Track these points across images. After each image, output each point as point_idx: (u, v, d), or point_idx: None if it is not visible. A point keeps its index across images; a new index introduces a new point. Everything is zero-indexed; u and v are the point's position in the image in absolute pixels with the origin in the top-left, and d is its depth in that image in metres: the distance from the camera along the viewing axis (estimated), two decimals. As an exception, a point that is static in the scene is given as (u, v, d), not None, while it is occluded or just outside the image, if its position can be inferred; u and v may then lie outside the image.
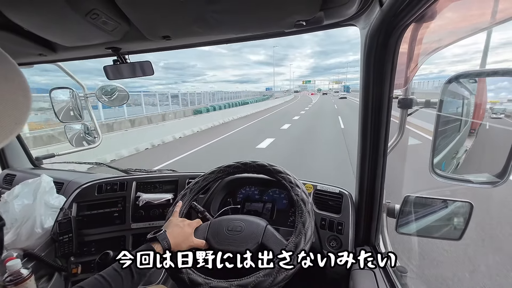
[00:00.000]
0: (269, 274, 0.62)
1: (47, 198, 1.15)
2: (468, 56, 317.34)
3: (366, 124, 0.78)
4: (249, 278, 0.63)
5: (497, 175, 0.61)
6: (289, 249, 0.66)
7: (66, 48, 0.85)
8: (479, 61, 19.80)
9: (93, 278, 0.59)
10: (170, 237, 0.71)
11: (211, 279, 0.67)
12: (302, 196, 0.78)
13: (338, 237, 0.91)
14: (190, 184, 0.94)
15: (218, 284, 0.64)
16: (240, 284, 0.62)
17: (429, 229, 0.82)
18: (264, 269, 0.64)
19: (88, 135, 1.60)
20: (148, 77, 1.15)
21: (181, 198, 0.89)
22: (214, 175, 0.95)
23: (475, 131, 0.69)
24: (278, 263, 0.63)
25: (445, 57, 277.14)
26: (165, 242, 0.69)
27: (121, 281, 0.59)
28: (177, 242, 0.72)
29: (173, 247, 0.71)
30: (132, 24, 0.66)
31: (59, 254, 1.11)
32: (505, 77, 0.59)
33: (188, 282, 0.67)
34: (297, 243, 0.67)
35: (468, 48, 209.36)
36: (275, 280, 0.61)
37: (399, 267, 0.81)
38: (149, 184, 1.29)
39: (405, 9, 0.53)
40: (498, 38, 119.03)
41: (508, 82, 0.60)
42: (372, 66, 0.69)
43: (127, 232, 1.22)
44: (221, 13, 0.62)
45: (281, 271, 0.62)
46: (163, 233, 0.71)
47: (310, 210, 0.75)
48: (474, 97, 0.68)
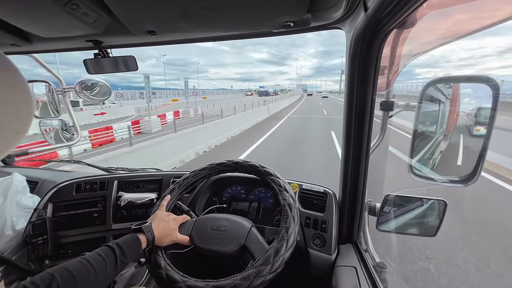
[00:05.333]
0: (246, 278, 0.62)
1: (19, 198, 1.08)
2: (474, 61, 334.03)
3: (350, 125, 0.80)
4: (226, 280, 0.62)
5: (468, 175, 0.66)
6: (269, 255, 0.66)
7: (42, 39, 0.80)
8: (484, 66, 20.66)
9: (76, 260, 0.58)
10: (155, 230, 0.71)
11: (188, 277, 0.66)
12: (289, 201, 0.79)
13: (322, 235, 0.94)
14: (179, 179, 0.93)
15: (195, 283, 0.64)
16: (216, 285, 0.62)
17: (407, 227, 0.86)
18: (243, 272, 0.64)
19: (65, 131, 1.52)
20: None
21: (170, 192, 0.88)
22: (205, 171, 0.94)
23: (449, 134, 0.73)
24: (256, 267, 0.64)
25: (450, 60, 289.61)
26: (150, 234, 0.69)
27: (104, 266, 0.58)
28: (161, 236, 0.72)
29: (156, 240, 0.71)
30: (115, 17, 0.63)
31: (32, 258, 1.05)
32: (478, 83, 0.63)
33: (165, 279, 0.66)
34: (278, 249, 0.68)
35: (475, 52, 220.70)
36: (252, 284, 0.61)
37: (379, 263, 0.84)
38: (132, 183, 1.25)
39: (388, 14, 0.55)
40: (505, 42, 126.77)
41: (481, 88, 0.64)
42: (357, 68, 0.72)
43: (107, 233, 1.18)
44: (208, 10, 0.61)
45: (259, 276, 0.62)
46: (148, 225, 0.71)
47: (296, 215, 0.76)
48: (449, 101, 0.72)
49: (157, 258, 0.70)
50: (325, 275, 0.89)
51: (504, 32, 40.29)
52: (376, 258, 0.86)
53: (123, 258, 0.62)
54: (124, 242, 0.65)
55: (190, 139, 6.86)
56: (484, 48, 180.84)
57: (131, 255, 0.64)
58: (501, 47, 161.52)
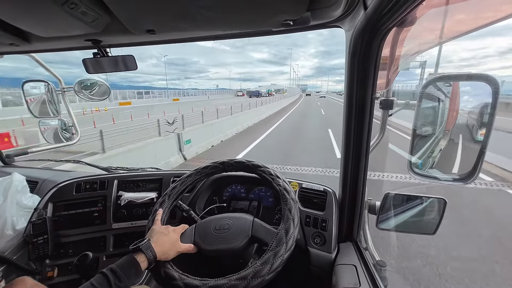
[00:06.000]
0: (243, 278, 0.61)
1: (19, 197, 1.08)
2: (475, 61, 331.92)
3: (350, 124, 0.80)
4: (221, 280, 0.62)
5: (468, 173, 0.66)
6: (281, 235, 0.67)
7: (41, 39, 0.79)
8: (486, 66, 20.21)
9: None
10: (156, 246, 0.69)
11: (187, 275, 0.66)
12: (284, 185, 0.80)
13: (322, 234, 0.94)
14: (167, 190, 0.91)
15: (192, 281, 0.64)
16: (213, 285, 0.62)
17: (406, 225, 0.86)
18: (240, 272, 0.63)
19: (65, 131, 1.52)
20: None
21: (160, 205, 0.86)
22: (192, 178, 0.93)
23: (449, 132, 0.73)
24: (272, 250, 0.65)
25: (451, 61, 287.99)
26: (150, 251, 0.66)
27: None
28: (164, 250, 0.70)
29: (159, 256, 0.68)
30: (114, 16, 0.63)
31: (33, 257, 1.05)
32: (478, 81, 0.63)
33: (163, 275, 0.67)
34: (288, 228, 0.69)
35: (476, 53, 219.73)
36: (249, 284, 0.61)
37: (379, 262, 0.84)
38: (132, 183, 1.25)
39: (387, 13, 0.55)
40: (507, 43, 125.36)
41: (481, 87, 0.63)
42: (356, 67, 0.72)
43: (108, 232, 1.18)
44: (208, 10, 0.60)
45: (256, 277, 0.62)
46: (147, 242, 0.68)
47: (294, 198, 0.77)
48: (449, 99, 0.72)
49: (167, 272, 0.68)
50: (325, 274, 0.89)
51: (506, 33, 40.49)
52: (376, 256, 0.86)
53: (119, 283, 0.59)
54: (120, 266, 0.62)
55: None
56: (486, 49, 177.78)
57: (129, 279, 0.62)
58: (503, 48, 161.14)
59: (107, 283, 0.58)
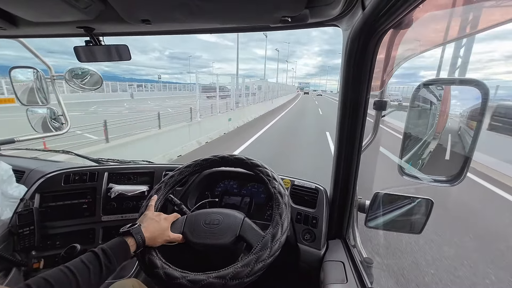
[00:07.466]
0: (222, 277, 0.61)
1: (5, 187, 1.05)
2: (480, 65, 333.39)
3: (343, 123, 0.81)
4: (200, 275, 0.63)
5: (455, 175, 0.68)
6: (266, 240, 0.67)
7: (30, 23, 0.76)
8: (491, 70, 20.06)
9: (57, 269, 0.54)
10: (146, 231, 0.70)
11: (169, 264, 0.67)
12: (279, 189, 0.80)
13: (312, 231, 0.95)
14: (165, 178, 0.91)
15: (172, 272, 0.65)
16: (191, 279, 0.62)
17: (394, 224, 0.89)
18: (243, 259, 0.64)
19: (54, 120, 1.47)
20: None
21: (156, 192, 0.87)
22: (191, 168, 0.93)
23: (439, 134, 0.75)
24: (255, 254, 0.65)
25: (454, 64, 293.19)
26: (139, 236, 0.68)
27: (88, 274, 0.55)
28: (153, 237, 0.71)
29: (147, 241, 0.69)
30: (108, 3, 0.61)
31: (18, 248, 1.03)
32: (469, 86, 0.64)
33: (147, 262, 0.67)
34: (274, 234, 0.69)
35: (482, 56, 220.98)
36: (227, 284, 0.61)
37: (366, 259, 0.86)
38: (123, 175, 1.23)
39: (385, 14, 0.55)
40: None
41: (472, 90, 0.65)
42: (352, 67, 0.72)
43: (97, 225, 1.16)
44: (205, 1, 0.59)
45: (259, 261, 0.63)
46: (137, 227, 0.69)
47: (287, 202, 0.77)
48: (440, 103, 0.73)
49: (151, 259, 0.68)
50: (314, 270, 0.91)
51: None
52: (363, 254, 0.88)
53: (108, 264, 0.59)
54: (110, 246, 0.62)
55: None
56: (492, 52, 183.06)
57: (119, 260, 0.62)
58: (509, 52, 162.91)
59: (98, 262, 0.58)
